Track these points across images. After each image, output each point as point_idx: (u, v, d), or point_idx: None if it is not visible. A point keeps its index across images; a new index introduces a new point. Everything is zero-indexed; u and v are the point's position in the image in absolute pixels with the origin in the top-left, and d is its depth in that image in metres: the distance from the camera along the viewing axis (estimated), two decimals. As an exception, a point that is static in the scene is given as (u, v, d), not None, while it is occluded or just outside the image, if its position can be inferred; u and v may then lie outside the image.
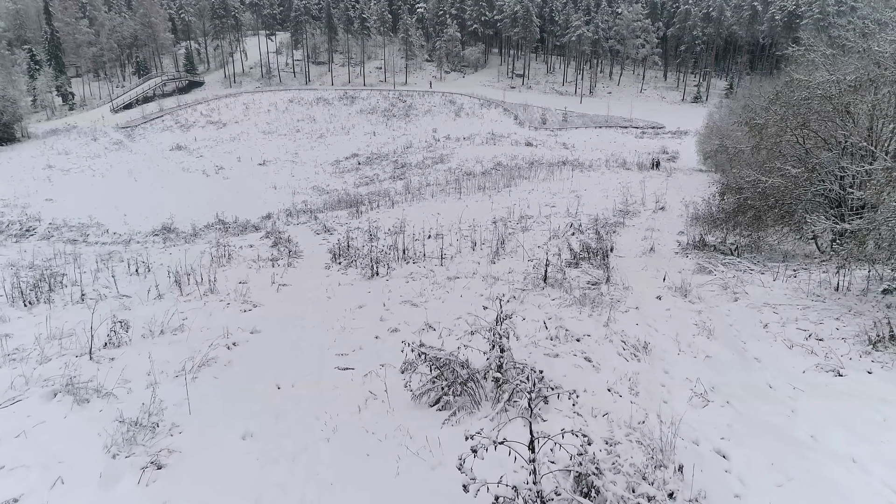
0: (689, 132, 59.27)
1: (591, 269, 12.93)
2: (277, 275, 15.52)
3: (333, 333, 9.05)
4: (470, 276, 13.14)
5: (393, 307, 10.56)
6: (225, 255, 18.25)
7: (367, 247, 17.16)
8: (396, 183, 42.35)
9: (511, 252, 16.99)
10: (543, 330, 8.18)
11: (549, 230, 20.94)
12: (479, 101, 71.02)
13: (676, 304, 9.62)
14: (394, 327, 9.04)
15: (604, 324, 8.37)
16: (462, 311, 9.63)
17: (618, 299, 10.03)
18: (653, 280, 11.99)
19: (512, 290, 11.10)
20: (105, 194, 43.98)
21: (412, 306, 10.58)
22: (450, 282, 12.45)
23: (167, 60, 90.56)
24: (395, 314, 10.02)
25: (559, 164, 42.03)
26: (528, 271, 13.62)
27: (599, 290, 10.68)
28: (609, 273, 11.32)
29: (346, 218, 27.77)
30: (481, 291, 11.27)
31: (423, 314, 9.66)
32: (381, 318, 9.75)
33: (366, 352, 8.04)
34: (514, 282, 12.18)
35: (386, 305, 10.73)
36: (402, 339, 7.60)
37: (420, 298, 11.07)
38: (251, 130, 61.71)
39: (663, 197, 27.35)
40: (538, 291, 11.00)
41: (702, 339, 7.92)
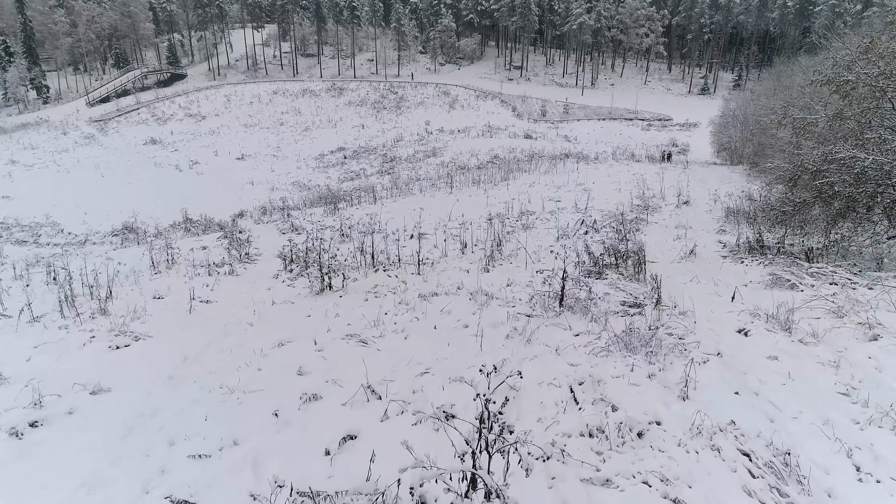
0: (698, 124, 55.72)
1: (623, 282, 9.22)
2: (209, 286, 12.02)
3: (209, 407, 5.35)
4: (453, 291, 9.44)
5: (328, 347, 6.86)
6: (169, 260, 15.27)
7: (334, 250, 13.60)
8: (384, 178, 38.88)
9: (510, 256, 13.28)
10: (571, 407, 4.49)
11: (555, 228, 17.33)
12: (474, 93, 67.18)
13: (781, 345, 5.89)
14: (313, 393, 5.32)
15: (679, 393, 4.68)
16: (431, 359, 5.95)
17: (680, 335, 6.32)
18: (716, 299, 8.29)
19: (512, 318, 7.41)
20: (67, 191, 40.42)
21: (358, 345, 6.88)
22: (423, 302, 8.72)
23: (150, 53, 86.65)
24: (325, 362, 6.35)
25: (562, 156, 38.35)
26: (533, 284, 9.91)
27: (645, 318, 6.99)
28: (659, 289, 7.56)
29: (321, 215, 24.09)
30: (467, 319, 7.58)
31: (369, 363, 5.96)
32: (301, 370, 6.04)
33: (235, 459, 4.32)
34: (516, 301, 8.50)
35: (319, 343, 7.04)
36: (320, 413, 4.03)
37: (374, 331, 7.37)
38: (232, 124, 57.86)
39: (685, 190, 23.66)
40: (552, 319, 7.30)
41: (884, 434, 4.19)
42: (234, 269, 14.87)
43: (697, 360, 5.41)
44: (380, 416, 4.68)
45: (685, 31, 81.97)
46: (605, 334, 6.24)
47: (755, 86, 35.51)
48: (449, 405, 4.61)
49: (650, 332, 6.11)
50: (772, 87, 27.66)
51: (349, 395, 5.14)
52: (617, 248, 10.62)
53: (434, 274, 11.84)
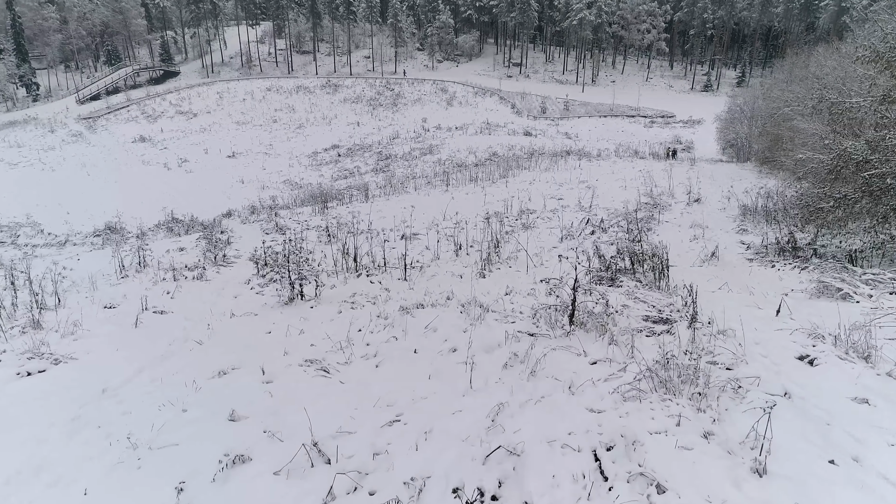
0: (702, 121, 54.37)
1: (643, 291, 7.80)
2: (170, 294, 10.70)
3: (97, 473, 3.93)
4: (442, 302, 8.02)
5: (280, 378, 5.43)
6: (140, 262, 14.22)
7: (318, 252, 12.25)
8: (378, 176, 37.53)
9: (509, 259, 11.87)
10: (598, 488, 3.08)
11: (559, 227, 15.97)
12: (472, 90, 65.64)
13: (866, 381, 4.45)
14: (240, 453, 3.88)
15: (752, 464, 3.26)
16: (405, 400, 4.53)
17: (728, 365, 4.91)
18: (756, 312, 6.86)
19: (512, 338, 5.98)
20: (51, 190, 39.04)
21: (318, 374, 5.46)
22: (405, 316, 7.29)
23: (143, 50, 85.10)
24: (271, 400, 4.93)
25: (563, 154, 36.97)
26: (536, 292, 8.50)
27: (677, 339, 5.58)
28: (694, 302, 6.11)
29: (309, 215, 22.70)
30: (456, 339, 6.15)
31: (325, 404, 4.54)
32: (235, 413, 4.60)
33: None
34: (516, 315, 7.08)
35: (269, 371, 5.61)
36: (240, 489, 2.71)
37: (340, 355, 5.95)
38: (224, 121, 56.37)
39: (695, 187, 22.25)
40: (561, 340, 5.88)
41: None
42: (205, 273, 13.50)
43: (760, 404, 3.98)
44: (322, 496, 3.26)
45: (687, 28, 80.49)
46: (633, 364, 4.81)
47: (765, 80, 34.09)
48: (422, 479, 3.19)
49: (691, 361, 4.68)
50: (785, 78, 26.22)
51: (288, 456, 3.71)
52: (633, 251, 9.19)
53: (423, 280, 10.43)
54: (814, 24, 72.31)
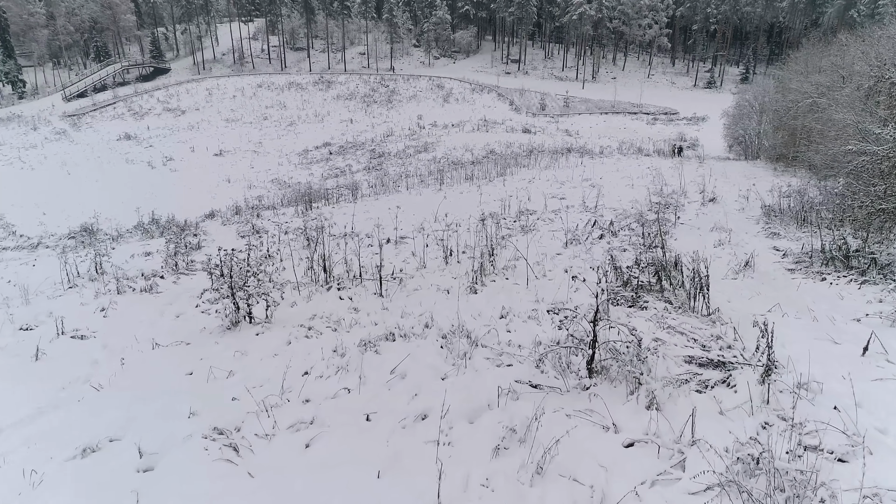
0: (706, 118, 52.70)
1: (675, 316, 6.08)
2: (104, 311, 9.08)
3: None
4: (419, 331, 6.28)
5: (167, 461, 3.67)
6: (98, 269, 12.98)
7: (296, 256, 10.62)
8: (370, 174, 35.83)
9: (506, 269, 10.13)
10: None
11: (562, 230, 14.23)
12: (470, 86, 63.75)
13: None
14: None
15: None
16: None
17: (839, 454, 3.19)
18: (830, 348, 5.13)
19: (508, 393, 4.25)
20: (29, 189, 37.26)
21: (220, 458, 3.68)
22: (366, 353, 5.53)
23: (133, 47, 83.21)
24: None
25: (563, 151, 35.28)
26: (538, 315, 6.78)
27: (746, 399, 3.87)
28: (770, 345, 4.34)
29: (292, 216, 20.97)
30: (429, 394, 4.39)
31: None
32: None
33: None
34: (514, 351, 5.34)
35: (154, 450, 3.82)
36: None
37: (262, 422, 4.18)
38: (213, 118, 54.50)
39: (708, 185, 20.53)
40: (577, 398, 4.14)
41: None
42: (157, 284, 11.80)
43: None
44: None
45: (690, 23, 78.66)
46: (693, 453, 3.07)
47: (775, 73, 32.39)
48: None
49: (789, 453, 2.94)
50: (802, 70, 24.51)
51: None
52: (658, 262, 7.44)
53: (401, 295, 8.70)
54: (818, 19, 70.59)
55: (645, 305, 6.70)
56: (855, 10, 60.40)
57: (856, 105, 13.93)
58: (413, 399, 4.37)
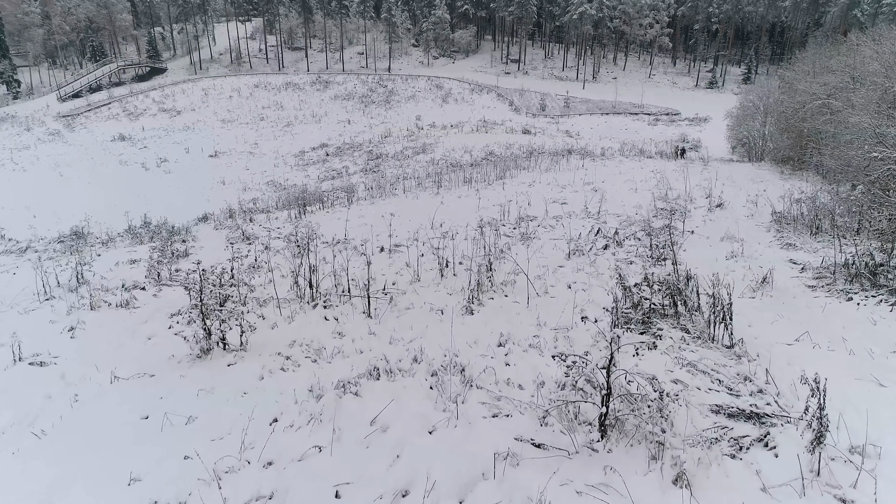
0: (709, 119, 52.06)
1: (694, 348, 5.41)
2: (72, 332, 8.68)
3: None
4: (406, 367, 5.58)
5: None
6: (78, 278, 12.44)
7: (277, 268, 9.94)
8: (367, 176, 35.11)
9: (505, 285, 9.45)
10: None
11: (564, 238, 13.58)
12: (469, 86, 63.02)
13: None
14: None
15: None
16: None
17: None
18: (877, 392, 4.46)
19: (507, 459, 3.58)
20: (20, 191, 36.58)
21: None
22: (344, 396, 4.86)
23: (130, 47, 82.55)
24: None
25: (564, 153, 34.60)
26: (541, 345, 6.10)
27: (795, 471, 3.20)
28: (823, 409, 3.67)
29: (284, 221, 20.21)
30: (412, 456, 3.71)
31: None
32: None
33: None
34: (513, 395, 4.66)
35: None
36: None
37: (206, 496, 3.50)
38: (209, 119, 53.79)
39: (714, 190, 19.85)
40: (588, 466, 3.45)
41: None
42: (134, 298, 11.17)
43: None
44: None
45: (691, 23, 77.94)
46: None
47: (781, 73, 31.66)
48: None
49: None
50: (809, 70, 23.84)
51: None
52: (670, 283, 6.76)
53: (392, 316, 8.02)
54: (821, 19, 69.91)
55: (659, 333, 6.02)
56: (858, 10, 59.74)
57: (871, 108, 13.28)
58: (394, 463, 3.69)
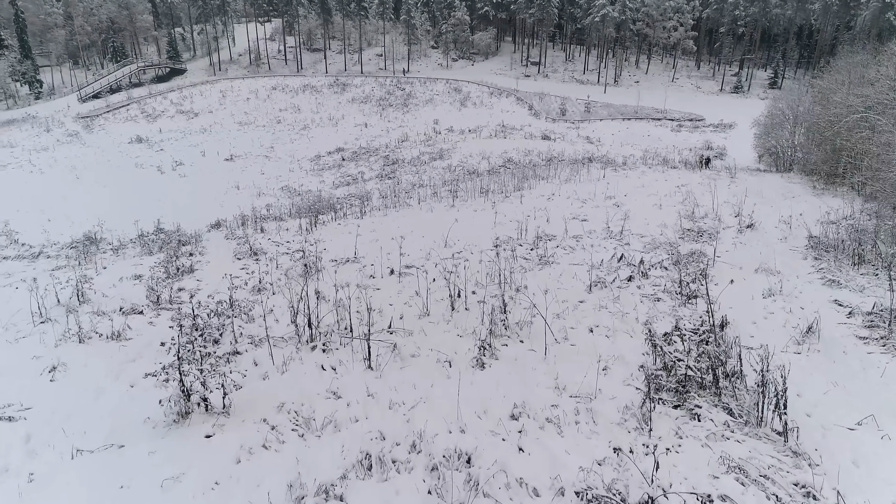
0: (734, 125, 50.60)
1: (740, 437, 4.61)
2: (53, 372, 8.84)
3: None
4: (402, 459, 4.85)
5: None
6: (79, 297, 12.20)
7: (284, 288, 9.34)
8: (383, 183, 34.38)
9: (521, 325, 8.64)
10: None
11: (586, 263, 12.79)
12: (488, 90, 62.15)
13: None
14: None
15: None
16: None
17: None
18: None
19: None
20: (36, 194, 36.51)
21: None
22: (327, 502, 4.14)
23: (151, 47, 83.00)
24: None
25: (584, 160, 33.64)
26: (559, 419, 5.32)
27: None
28: None
29: (295, 233, 19.58)
30: None
31: None
32: None
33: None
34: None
35: None
36: None
37: None
38: (226, 121, 53.61)
39: (743, 208, 18.83)
40: None
41: None
42: (128, 327, 10.66)
43: None
44: None
45: (717, 25, 76.24)
46: None
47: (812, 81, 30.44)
48: None
49: None
50: (844, 80, 22.68)
51: None
52: (717, 356, 5.92)
53: (395, 367, 7.28)
54: (851, 22, 67.93)
55: (697, 413, 5.20)
56: (892, 13, 57.85)
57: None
58: None
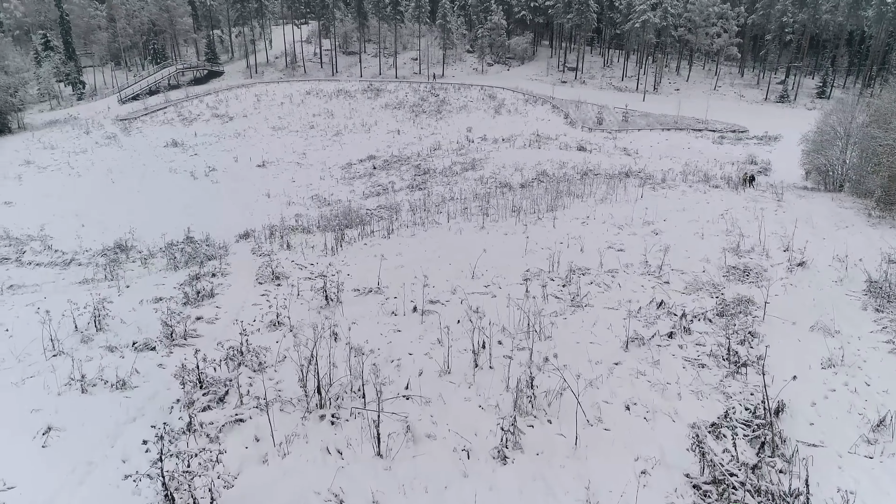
0: (779, 137, 48.48)
1: None
2: (48, 435, 9.29)
3: None
4: None
5: None
6: (96, 323, 12.35)
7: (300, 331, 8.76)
8: (413, 194, 33.71)
9: (550, 400, 7.87)
10: None
11: (622, 307, 11.93)
12: (523, 97, 61.04)
13: None
14: None
15: None
16: None
17: None
18: None
19: None
20: (72, 198, 36.94)
21: None
22: None
23: (190, 49, 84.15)
24: None
25: (621, 175, 32.47)
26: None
27: None
28: None
29: (320, 253, 19.02)
30: None
31: None
32: None
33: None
34: None
35: None
36: None
37: None
38: (260, 125, 53.74)
39: (792, 239, 17.58)
40: None
41: None
42: (135, 371, 10.31)
43: None
44: None
45: (763, 32, 73.58)
46: None
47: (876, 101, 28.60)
48: None
49: None
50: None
51: None
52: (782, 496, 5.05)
53: (407, 453, 6.57)
54: (905, 29, 64.87)
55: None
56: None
57: None
58: None
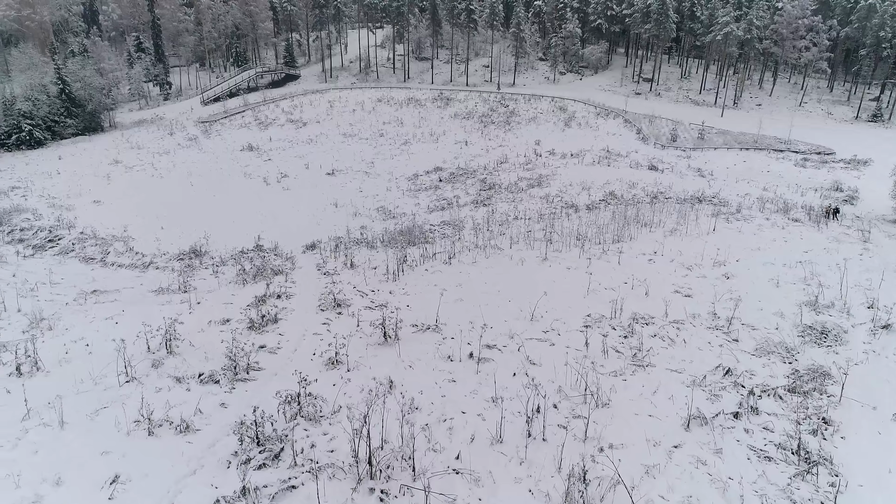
0: (869, 162, 45.32)
1: None
2: (115, 485, 7.97)
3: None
4: None
5: None
6: (167, 346, 12.96)
7: None
8: (478, 210, 33.63)
9: (605, 489, 7.67)
10: None
11: (685, 371, 11.53)
12: (594, 110, 59.74)
13: None
14: None
15: None
16: None
17: None
18: None
19: None
20: (154, 199, 38.97)
21: None
22: None
23: (269, 52, 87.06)
24: None
25: (693, 199, 31.30)
26: None
27: None
28: None
29: (381, 277, 19.18)
30: None
31: None
32: None
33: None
34: None
35: None
36: None
37: None
38: (331, 132, 54.97)
39: (878, 293, 16.42)
40: None
41: None
42: (199, 410, 10.69)
43: None
44: None
45: (856, 45, 69.19)
46: None
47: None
48: None
49: None
50: None
51: None
52: None
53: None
54: None
55: None
56: None
57: None
58: None
